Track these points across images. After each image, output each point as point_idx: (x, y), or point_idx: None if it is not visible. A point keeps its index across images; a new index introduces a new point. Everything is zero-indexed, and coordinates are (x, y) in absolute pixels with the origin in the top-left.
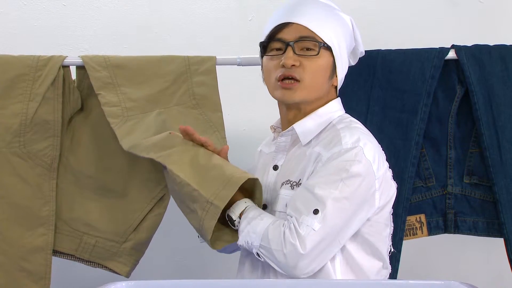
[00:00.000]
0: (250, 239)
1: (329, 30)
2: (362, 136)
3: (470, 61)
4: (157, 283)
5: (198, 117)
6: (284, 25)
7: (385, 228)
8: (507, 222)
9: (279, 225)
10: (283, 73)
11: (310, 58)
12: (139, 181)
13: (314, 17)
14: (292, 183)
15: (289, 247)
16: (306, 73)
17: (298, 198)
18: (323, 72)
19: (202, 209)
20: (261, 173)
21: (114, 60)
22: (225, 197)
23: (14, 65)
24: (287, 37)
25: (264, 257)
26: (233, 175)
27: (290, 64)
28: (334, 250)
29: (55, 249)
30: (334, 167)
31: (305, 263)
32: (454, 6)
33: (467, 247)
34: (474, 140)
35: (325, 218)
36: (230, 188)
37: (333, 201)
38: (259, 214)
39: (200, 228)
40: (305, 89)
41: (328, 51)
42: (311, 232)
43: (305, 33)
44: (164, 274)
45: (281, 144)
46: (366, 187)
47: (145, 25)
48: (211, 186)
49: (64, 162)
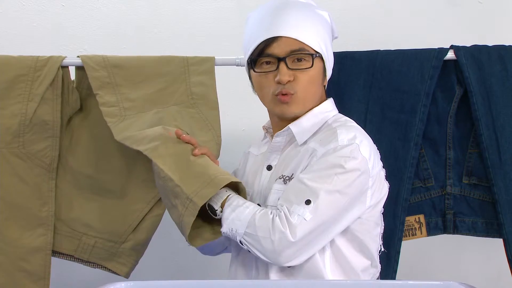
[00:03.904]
0: (235, 226)
1: (316, 36)
2: (359, 133)
3: (469, 62)
4: (156, 284)
5: (194, 115)
6: (272, 40)
7: (375, 227)
8: (506, 222)
9: (266, 213)
10: (280, 90)
11: (303, 70)
12: (138, 181)
13: (300, 27)
14: (285, 177)
15: (278, 235)
16: (299, 86)
17: (290, 189)
18: (316, 81)
19: (182, 205)
20: (253, 175)
21: (113, 60)
22: (205, 195)
23: (13, 65)
24: (278, 52)
25: (248, 245)
26: (216, 175)
27: (286, 81)
28: (322, 243)
29: (54, 249)
30: (329, 162)
31: (291, 251)
32: (453, 7)
33: (466, 247)
34: (473, 140)
35: (317, 209)
36: (212, 187)
37: (325, 193)
38: (243, 202)
39: (180, 223)
40: (300, 102)
41: (319, 58)
42: (303, 221)
43: (295, 46)
44: (163, 275)
45: (276, 144)
46: (359, 183)
47: (144, 26)
48: (193, 183)
49: (63, 162)
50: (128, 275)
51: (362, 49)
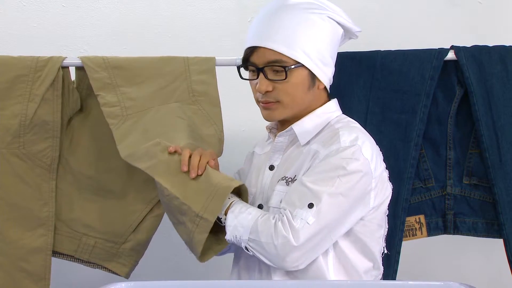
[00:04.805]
0: (238, 233)
1: (300, 44)
2: (361, 135)
3: (469, 62)
4: (156, 284)
5: (196, 111)
6: (254, 49)
7: (378, 229)
8: (507, 223)
9: (268, 218)
10: (261, 99)
11: (281, 82)
12: (139, 182)
13: (281, 36)
14: (288, 179)
15: (281, 239)
16: (281, 95)
17: (293, 192)
18: (299, 88)
19: (192, 222)
20: (255, 174)
21: (113, 61)
22: (215, 210)
23: (14, 66)
24: (257, 62)
25: (253, 251)
26: (219, 184)
27: (263, 91)
28: (325, 246)
29: (54, 250)
30: (332, 164)
31: (296, 255)
32: (453, 7)
33: (467, 248)
34: (473, 140)
35: (320, 212)
36: (218, 200)
37: (328, 196)
38: (246, 208)
39: (190, 241)
40: (286, 108)
41: (300, 68)
42: (305, 225)
43: (272, 57)
44: (164, 275)
45: (278, 144)
46: (362, 185)
47: (145, 26)
48: (199, 199)
49: (64, 163)
50: (128, 276)
51: (362, 49)
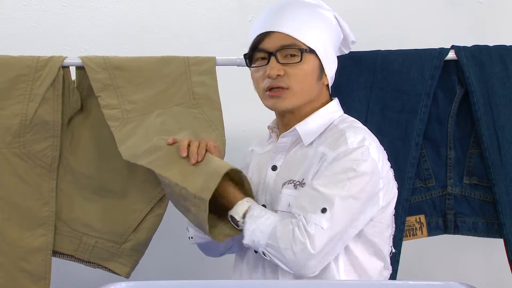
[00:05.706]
0: (257, 238)
1: (312, 33)
2: (367, 135)
3: (470, 62)
4: (156, 284)
5: (197, 116)
6: (265, 35)
7: (387, 228)
8: (507, 222)
9: (287, 223)
10: (270, 83)
11: (294, 65)
12: (139, 181)
13: (295, 23)
14: (296, 182)
15: (299, 246)
16: (292, 80)
17: (304, 197)
18: (309, 76)
19: (194, 205)
20: (256, 174)
21: (114, 61)
22: (210, 188)
23: (14, 65)
24: (269, 46)
25: (271, 256)
26: (216, 168)
27: (275, 75)
28: (339, 249)
29: (55, 249)
30: (341, 167)
31: (314, 262)
32: (453, 7)
33: (467, 247)
34: (473, 140)
35: (333, 217)
36: (214, 179)
37: (340, 200)
38: (265, 213)
39: (198, 223)
40: (294, 96)
41: (312, 54)
42: (320, 230)
43: (286, 41)
44: (164, 275)
45: (281, 144)
46: (372, 186)
47: (145, 26)
48: (196, 181)
49: (64, 162)
50: (128, 275)
51: (362, 49)
